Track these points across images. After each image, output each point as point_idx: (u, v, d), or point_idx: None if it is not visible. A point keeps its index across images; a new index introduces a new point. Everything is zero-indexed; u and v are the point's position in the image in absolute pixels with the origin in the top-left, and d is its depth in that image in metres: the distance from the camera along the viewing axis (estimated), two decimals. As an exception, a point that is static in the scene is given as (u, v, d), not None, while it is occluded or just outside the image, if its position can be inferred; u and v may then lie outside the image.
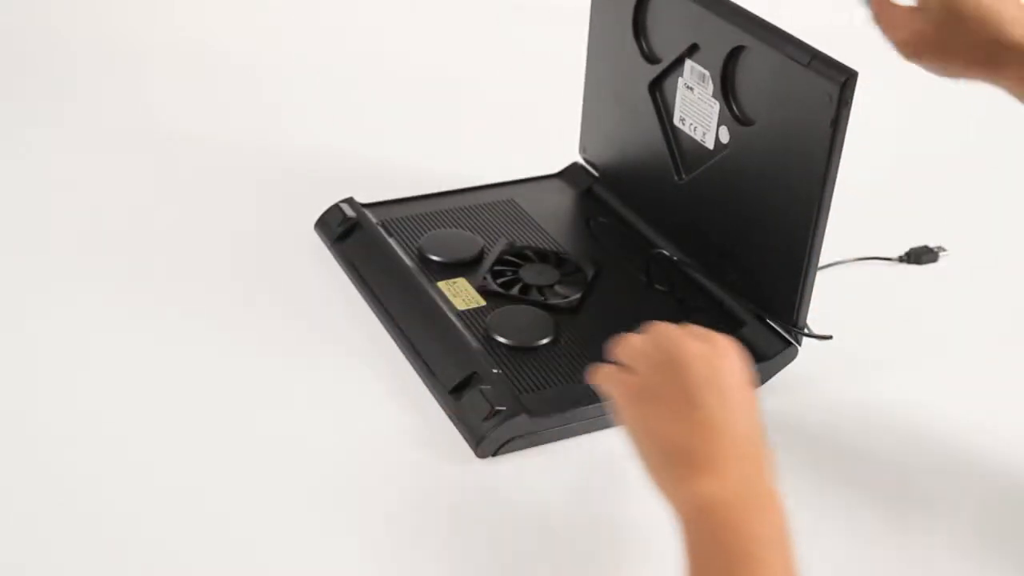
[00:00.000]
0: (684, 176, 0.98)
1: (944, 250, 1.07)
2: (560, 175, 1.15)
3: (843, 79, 0.78)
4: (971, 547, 0.75)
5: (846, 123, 0.79)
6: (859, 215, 1.03)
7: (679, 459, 0.62)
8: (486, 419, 0.79)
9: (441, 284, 0.96)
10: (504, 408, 0.79)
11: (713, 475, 0.60)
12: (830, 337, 0.88)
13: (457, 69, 1.45)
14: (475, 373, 0.83)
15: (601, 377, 0.70)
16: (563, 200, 1.12)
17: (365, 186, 1.11)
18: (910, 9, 0.79)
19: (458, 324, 0.90)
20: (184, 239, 1.05)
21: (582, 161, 1.14)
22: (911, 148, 1.28)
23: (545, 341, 0.90)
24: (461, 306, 0.93)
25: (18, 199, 1.11)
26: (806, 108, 0.81)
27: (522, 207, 1.09)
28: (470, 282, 0.96)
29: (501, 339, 0.89)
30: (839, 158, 0.80)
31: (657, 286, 0.97)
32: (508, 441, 0.79)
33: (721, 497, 0.59)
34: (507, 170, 1.15)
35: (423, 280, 0.96)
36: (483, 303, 0.94)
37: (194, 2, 1.58)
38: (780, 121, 0.85)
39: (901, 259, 1.06)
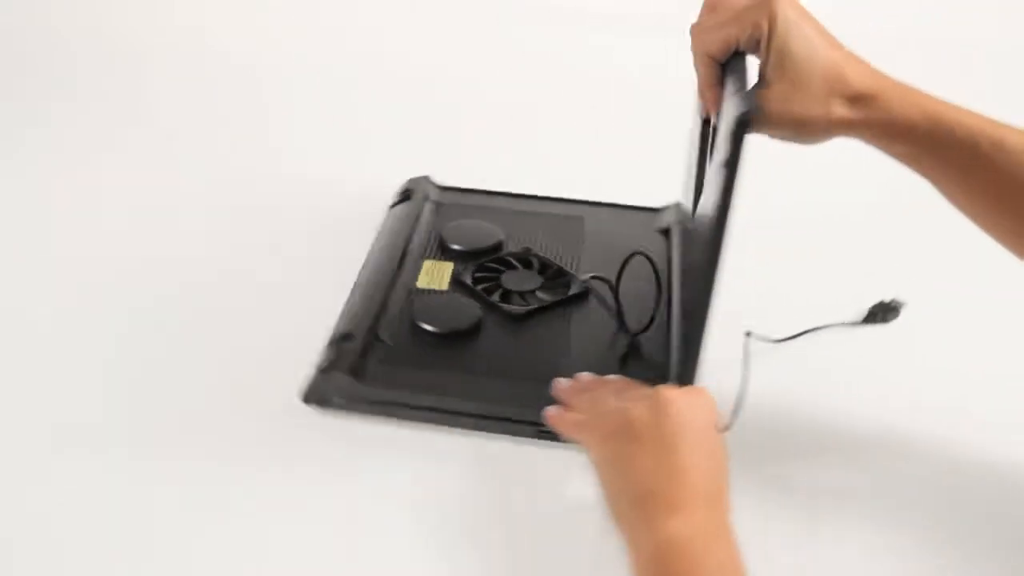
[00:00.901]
0: (691, 228, 0.95)
1: (903, 304, 0.97)
2: (650, 210, 1.11)
3: (740, 113, 0.69)
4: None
5: (733, 168, 0.69)
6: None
7: (650, 500, 0.65)
8: (319, 370, 0.84)
9: (428, 262, 0.98)
10: (333, 366, 0.84)
11: (679, 515, 0.64)
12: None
13: (457, 69, 1.45)
14: (351, 333, 0.88)
15: (566, 421, 0.76)
16: (629, 232, 1.06)
17: (365, 186, 1.11)
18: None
19: (400, 296, 0.94)
20: (183, 237, 1.05)
21: (684, 202, 1.07)
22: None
23: (456, 330, 0.90)
24: (421, 284, 0.96)
25: (17, 199, 1.11)
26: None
27: (584, 227, 1.07)
28: (455, 268, 0.98)
29: (419, 319, 0.91)
30: (731, 202, 0.70)
31: (627, 326, 0.92)
32: (333, 399, 0.82)
33: (686, 534, 0.63)
34: (504, 170, 1.15)
35: (415, 255, 0.99)
36: (444, 288, 0.96)
37: (194, 2, 1.58)
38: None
39: (865, 320, 0.97)
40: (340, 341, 0.87)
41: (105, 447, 0.79)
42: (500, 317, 0.93)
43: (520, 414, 0.81)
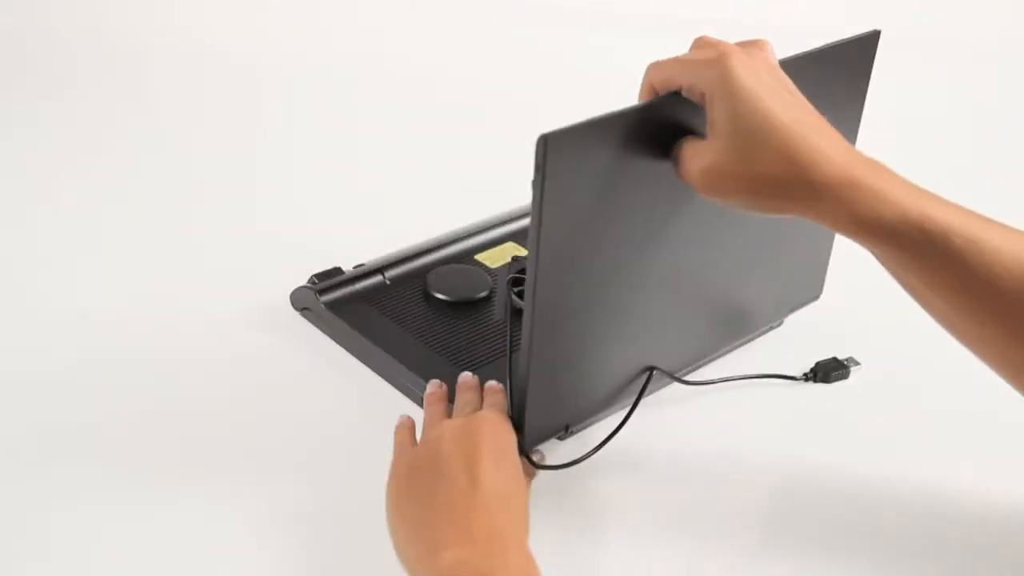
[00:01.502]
0: None
1: (856, 364, 0.88)
2: None
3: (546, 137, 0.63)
4: None
5: (539, 189, 0.64)
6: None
7: (424, 536, 0.63)
8: (308, 281, 0.92)
9: (510, 243, 1.01)
10: (312, 284, 0.91)
11: (453, 547, 0.61)
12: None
13: (457, 69, 1.45)
14: (362, 264, 0.94)
15: (396, 434, 0.73)
16: None
17: (360, 184, 1.11)
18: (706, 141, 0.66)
19: (449, 256, 0.98)
20: (181, 236, 1.05)
21: None
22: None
23: (444, 299, 0.91)
24: (479, 257, 0.99)
25: (16, 198, 1.11)
26: None
27: None
28: (518, 256, 0.98)
29: (428, 278, 0.93)
30: (540, 227, 0.65)
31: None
32: (306, 309, 0.92)
33: (460, 561, 0.60)
34: (505, 174, 1.15)
35: (508, 235, 1.02)
36: (494, 268, 0.97)
37: (194, 2, 1.58)
38: None
39: (806, 377, 0.88)
40: (354, 268, 0.94)
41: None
42: (497, 306, 0.93)
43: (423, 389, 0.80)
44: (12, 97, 1.33)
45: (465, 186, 1.15)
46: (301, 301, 0.92)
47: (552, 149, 0.63)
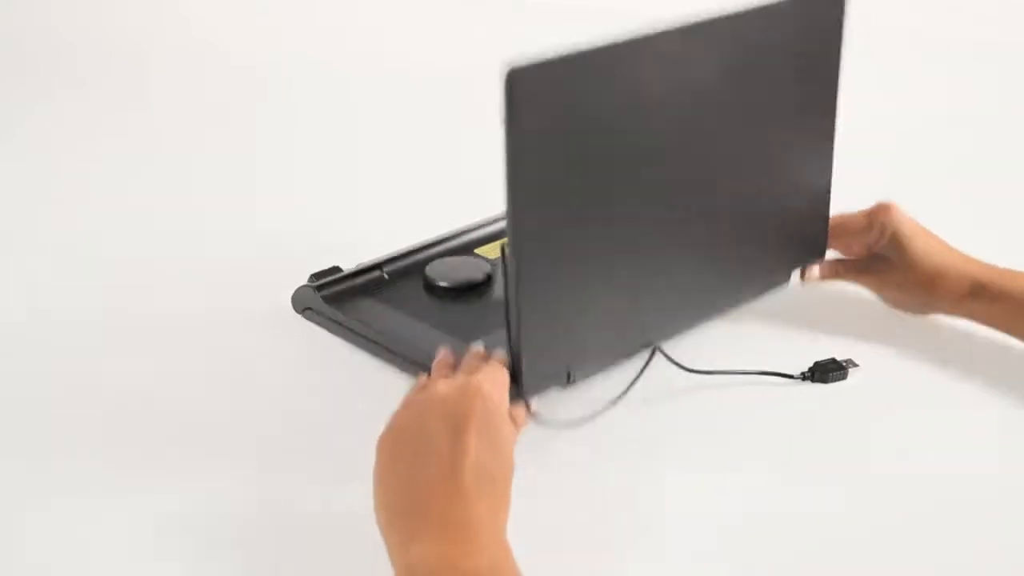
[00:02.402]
0: None
1: (855, 365, 0.86)
2: None
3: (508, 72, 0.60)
4: None
5: (509, 129, 0.61)
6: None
7: (400, 525, 0.62)
8: (308, 281, 0.91)
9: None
10: (312, 283, 0.90)
11: (427, 540, 0.60)
12: None
13: (457, 68, 1.45)
14: (363, 261, 0.93)
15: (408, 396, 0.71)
16: None
17: (361, 184, 1.11)
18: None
19: (449, 249, 0.97)
20: (181, 236, 1.05)
21: None
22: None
23: (441, 286, 0.92)
24: (479, 250, 0.98)
25: (15, 198, 1.11)
26: None
27: None
28: None
29: (433, 275, 0.92)
30: (513, 167, 0.63)
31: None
32: (308, 310, 0.90)
33: (433, 553, 0.59)
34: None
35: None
36: (492, 258, 0.97)
37: (195, 2, 1.58)
38: None
39: (804, 376, 0.86)
40: (353, 267, 0.93)
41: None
42: (497, 292, 0.92)
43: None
44: (12, 97, 1.33)
45: (465, 185, 1.15)
46: (302, 302, 0.92)
47: (519, 86, 0.59)
